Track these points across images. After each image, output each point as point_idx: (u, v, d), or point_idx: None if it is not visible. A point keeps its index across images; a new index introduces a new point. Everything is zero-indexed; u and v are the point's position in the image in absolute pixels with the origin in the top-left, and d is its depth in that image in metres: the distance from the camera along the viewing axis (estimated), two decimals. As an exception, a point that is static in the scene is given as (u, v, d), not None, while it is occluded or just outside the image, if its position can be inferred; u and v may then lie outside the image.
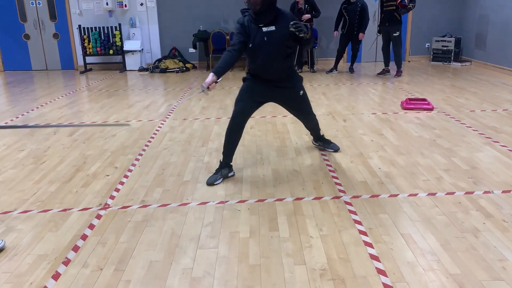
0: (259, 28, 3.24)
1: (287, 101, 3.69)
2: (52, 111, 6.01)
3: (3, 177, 3.64)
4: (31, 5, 9.86)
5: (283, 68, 3.41)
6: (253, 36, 3.25)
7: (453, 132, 4.59)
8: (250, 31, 3.26)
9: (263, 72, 3.41)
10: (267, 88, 3.47)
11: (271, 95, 3.53)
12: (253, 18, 3.25)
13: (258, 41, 3.25)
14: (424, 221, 2.75)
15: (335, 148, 4.10)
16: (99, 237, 2.65)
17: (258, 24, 3.24)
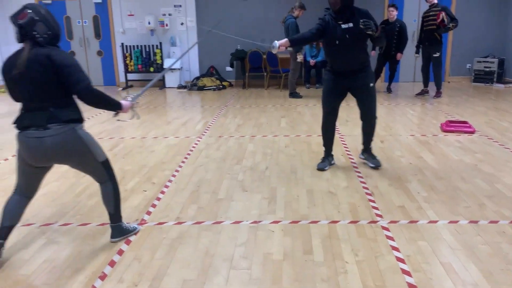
0: (339, 25, 3.68)
1: (358, 91, 3.98)
2: (94, 125, 6.21)
3: (46, 189, 3.78)
4: (77, 23, 10.34)
5: (359, 61, 3.83)
6: (333, 32, 3.70)
7: (496, 157, 4.42)
8: (330, 27, 3.71)
9: (342, 65, 3.84)
10: (345, 80, 3.88)
11: (348, 85, 3.92)
12: (332, 17, 3.71)
13: (337, 37, 3.69)
14: (466, 250, 2.64)
15: (377, 164, 4.16)
16: (135, 252, 2.69)
17: (338, 21, 3.68)
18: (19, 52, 2.40)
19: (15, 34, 2.39)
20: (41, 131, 2.39)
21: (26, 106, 2.45)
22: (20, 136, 2.46)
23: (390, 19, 8.20)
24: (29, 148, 2.44)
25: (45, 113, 2.39)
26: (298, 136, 5.39)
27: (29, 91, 2.39)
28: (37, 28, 2.36)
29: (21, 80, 2.36)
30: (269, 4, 9.91)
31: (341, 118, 6.34)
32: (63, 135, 2.43)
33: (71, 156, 2.54)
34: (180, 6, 10.04)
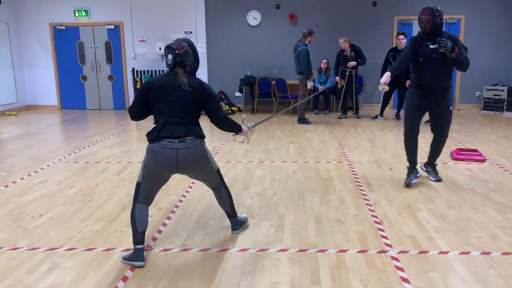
0: (427, 45, 4.09)
1: (438, 111, 4.29)
2: (102, 149, 6.25)
3: (52, 213, 3.77)
4: (90, 49, 10.54)
5: (443, 80, 4.16)
6: (422, 50, 4.11)
7: (508, 186, 4.34)
8: (419, 46, 4.12)
9: (428, 82, 4.17)
10: (427, 99, 4.22)
11: (429, 103, 4.25)
12: (421, 38, 4.11)
13: (426, 56, 4.09)
14: (479, 283, 2.56)
15: (438, 179, 4.54)
16: (140, 280, 2.65)
17: (427, 42, 4.08)
18: (170, 75, 2.86)
19: (168, 60, 2.85)
20: (176, 143, 2.77)
21: (167, 120, 2.81)
22: (155, 147, 2.79)
23: (399, 47, 8.26)
24: (163, 158, 2.78)
25: (184, 128, 2.81)
26: (306, 162, 5.36)
27: (174, 107, 2.80)
28: (188, 59, 2.85)
29: (170, 97, 2.80)
30: (279, 32, 10.05)
31: (349, 145, 6.32)
32: (195, 148, 2.84)
33: (197, 166, 2.91)
34: (191, 32, 10.23)
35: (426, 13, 4.01)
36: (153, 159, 2.81)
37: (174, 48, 2.82)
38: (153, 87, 2.84)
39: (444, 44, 3.90)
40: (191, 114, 2.86)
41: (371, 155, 5.71)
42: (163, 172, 2.88)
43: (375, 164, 5.27)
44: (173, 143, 2.76)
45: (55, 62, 10.63)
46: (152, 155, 2.81)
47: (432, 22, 3.98)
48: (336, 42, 8.74)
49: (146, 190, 2.91)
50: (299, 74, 8.01)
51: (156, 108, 2.85)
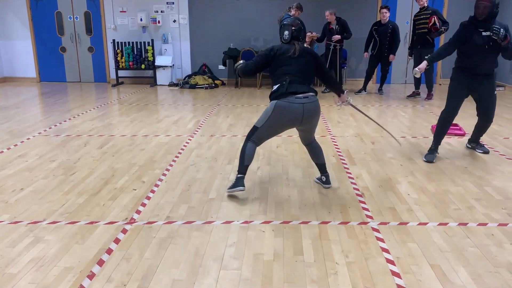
0: (479, 32, 4.11)
1: (483, 94, 4.35)
2: (83, 123, 6.15)
3: (34, 186, 3.73)
4: (69, 19, 10.23)
5: (490, 66, 4.24)
6: (473, 38, 4.12)
7: (485, 160, 4.45)
8: (469, 32, 4.16)
9: (475, 67, 4.22)
10: (473, 82, 4.27)
11: (474, 86, 4.30)
12: (474, 24, 4.14)
13: (476, 42, 4.12)
14: (455, 252, 2.65)
15: (485, 150, 4.70)
16: (124, 252, 2.66)
17: (479, 28, 4.10)
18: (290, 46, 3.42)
19: (285, 35, 3.45)
20: (302, 99, 3.29)
21: (292, 79, 3.32)
22: (283, 103, 3.29)
23: (383, 21, 8.24)
24: (291, 111, 3.30)
25: (306, 86, 3.36)
26: (290, 136, 5.38)
27: (297, 69, 3.37)
28: (301, 34, 3.48)
29: (292, 61, 3.37)
30: (263, 3, 9.90)
31: (333, 120, 6.36)
32: (315, 102, 3.38)
33: (316, 117, 3.45)
34: (172, 3, 9.99)
35: (485, 0, 4.00)
36: (282, 113, 3.32)
37: (290, 25, 3.43)
38: (278, 53, 3.41)
39: (497, 31, 3.93)
40: (308, 75, 3.44)
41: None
42: (288, 124, 3.43)
43: (357, 138, 5.33)
44: (299, 99, 3.27)
45: (32, 33, 10.28)
46: (281, 110, 3.31)
47: (490, 9, 3.99)
48: (322, 15, 8.66)
49: (261, 135, 3.48)
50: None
51: (279, 70, 3.39)
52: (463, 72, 4.30)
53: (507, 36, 3.97)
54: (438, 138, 4.49)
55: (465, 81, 4.30)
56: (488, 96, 4.34)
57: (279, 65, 3.40)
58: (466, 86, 4.31)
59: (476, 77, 4.25)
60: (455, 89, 4.36)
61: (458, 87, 4.34)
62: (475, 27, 4.13)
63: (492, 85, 4.34)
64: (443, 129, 4.46)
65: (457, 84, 4.35)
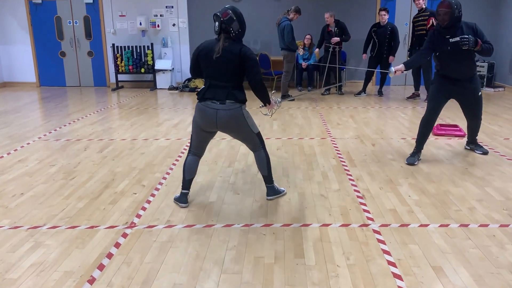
0: (446, 39, 4.04)
1: (466, 100, 4.37)
2: (83, 127, 6.15)
3: (34, 191, 3.73)
4: (68, 24, 10.25)
5: (466, 70, 4.18)
6: (441, 45, 4.08)
7: (486, 161, 4.45)
8: (438, 40, 4.10)
9: (452, 73, 4.20)
10: (454, 87, 4.25)
11: (455, 92, 4.30)
12: (440, 32, 4.08)
13: (446, 50, 4.07)
14: (456, 254, 2.65)
15: (484, 151, 4.65)
16: (125, 256, 2.66)
17: (445, 35, 4.04)
18: (215, 41, 3.12)
19: (215, 28, 3.13)
20: (218, 104, 3.08)
21: (211, 83, 3.12)
22: (200, 106, 3.15)
23: (382, 23, 8.25)
24: (205, 116, 3.13)
25: (225, 91, 3.09)
26: (290, 138, 5.38)
27: (217, 72, 3.09)
28: (233, 26, 3.07)
29: (214, 62, 3.06)
30: (262, 6, 9.91)
31: (332, 122, 6.36)
32: (234, 110, 3.12)
33: (235, 127, 3.23)
34: (172, 7, 10.01)
35: (444, 5, 3.94)
36: (199, 115, 3.19)
37: (219, 16, 3.07)
38: (200, 53, 3.16)
39: (467, 41, 3.87)
40: (233, 78, 3.11)
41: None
42: (206, 128, 3.24)
43: (357, 140, 5.33)
44: (215, 104, 3.09)
45: (32, 37, 10.30)
46: (198, 112, 3.19)
47: (450, 14, 3.92)
48: (321, 18, 8.67)
49: (195, 141, 3.34)
50: (283, 50, 7.95)
51: (204, 72, 3.19)
52: (443, 78, 4.27)
53: (477, 42, 3.90)
54: (421, 141, 4.44)
55: (445, 87, 4.27)
56: (472, 99, 4.33)
57: (203, 65, 3.16)
58: (447, 91, 4.29)
59: (456, 82, 4.22)
60: (436, 94, 4.33)
61: (439, 92, 4.31)
62: (441, 35, 4.07)
63: (476, 87, 4.28)
64: (424, 132, 4.42)
65: (438, 89, 4.32)
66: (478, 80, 4.33)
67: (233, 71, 3.08)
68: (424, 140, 4.44)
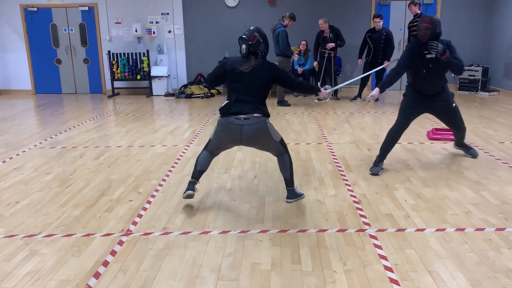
0: (424, 55, 4.05)
1: (441, 112, 4.40)
2: (79, 134, 6.14)
3: (29, 199, 3.71)
4: (64, 31, 10.26)
5: (439, 86, 4.21)
6: (418, 61, 4.09)
7: (481, 165, 4.46)
8: (415, 55, 4.10)
9: (424, 89, 4.21)
10: (426, 102, 4.26)
11: (428, 106, 4.32)
12: (419, 46, 4.06)
13: (423, 66, 4.08)
14: (453, 258, 2.65)
15: (474, 154, 4.67)
16: (121, 264, 2.65)
17: (424, 51, 4.03)
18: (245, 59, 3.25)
19: (242, 50, 3.24)
20: (242, 120, 3.17)
21: (238, 98, 3.21)
22: (223, 122, 3.24)
23: (377, 28, 8.30)
24: (230, 132, 3.23)
25: (253, 105, 3.19)
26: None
27: (246, 87, 3.21)
28: (260, 48, 3.24)
29: (243, 77, 3.21)
30: (258, 12, 9.96)
31: (328, 127, 6.37)
32: (258, 124, 3.21)
33: (259, 140, 3.33)
34: (167, 14, 10.04)
35: (426, 21, 3.97)
36: (222, 131, 3.28)
37: (247, 39, 3.19)
38: (229, 68, 3.27)
39: (435, 47, 3.90)
40: (260, 94, 3.26)
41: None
42: (229, 142, 3.37)
43: (353, 145, 5.34)
44: (239, 120, 3.17)
45: (27, 45, 10.30)
46: (222, 128, 3.27)
47: (432, 30, 3.94)
48: (315, 23, 8.71)
49: (213, 147, 3.46)
50: (278, 56, 7.98)
51: (230, 86, 3.28)
52: (416, 92, 4.26)
53: (445, 51, 3.92)
54: (385, 151, 4.37)
55: (418, 102, 4.27)
56: (448, 111, 4.34)
57: (230, 80, 3.28)
58: (420, 107, 4.30)
59: (427, 97, 4.23)
60: (408, 108, 4.32)
61: (410, 106, 4.30)
62: (420, 50, 4.06)
63: (448, 100, 4.28)
64: (391, 143, 4.36)
65: (409, 103, 4.31)
66: (449, 93, 4.32)
67: (261, 87, 3.26)
68: (389, 150, 4.38)
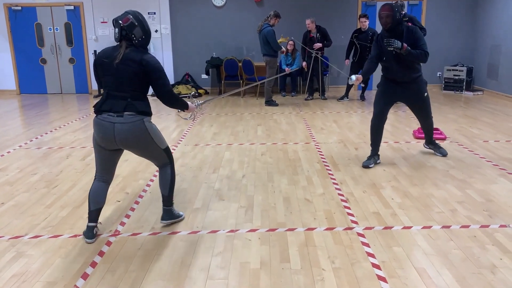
0: None
1: (412, 100, 4.49)
2: (65, 134, 6.08)
3: (15, 200, 3.66)
4: (49, 30, 10.12)
5: (409, 73, 4.27)
6: (384, 49, 4.16)
7: (467, 163, 4.53)
8: (381, 45, 4.18)
9: (395, 76, 4.31)
10: (398, 89, 4.36)
11: (400, 94, 4.42)
12: (383, 36, 4.17)
13: (387, 54, 4.17)
14: (439, 255, 2.69)
15: (444, 153, 4.76)
16: (109, 265, 2.63)
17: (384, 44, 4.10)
18: (116, 48, 2.77)
19: (115, 34, 2.76)
20: (115, 117, 2.73)
21: (109, 94, 2.78)
22: (96, 119, 2.80)
23: (363, 28, 8.36)
24: (102, 131, 2.77)
25: (124, 102, 2.74)
26: (274, 144, 5.40)
27: (116, 81, 2.74)
28: (135, 32, 2.75)
29: (113, 70, 2.72)
30: (245, 12, 9.95)
31: (316, 126, 6.41)
32: (133, 123, 2.75)
33: (137, 143, 2.84)
34: (154, 14, 9.98)
35: (385, 9, 4.04)
36: (95, 131, 2.84)
37: (119, 22, 2.74)
38: (98, 60, 2.82)
39: (392, 43, 3.99)
40: (134, 88, 2.76)
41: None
42: (104, 145, 2.85)
43: (341, 144, 5.37)
44: (111, 117, 2.74)
45: (11, 44, 10.14)
46: (95, 127, 2.84)
47: (392, 17, 4.03)
48: (302, 24, 8.75)
49: (99, 163, 2.96)
50: (265, 56, 8.00)
51: (102, 81, 2.85)
52: (387, 81, 4.39)
53: (402, 45, 3.99)
54: (374, 145, 4.52)
55: (389, 89, 4.39)
56: (419, 100, 4.44)
57: (102, 74, 2.82)
58: (392, 94, 4.41)
59: (400, 84, 4.32)
60: (380, 97, 4.45)
61: (383, 95, 4.43)
62: (384, 38, 4.14)
63: (419, 89, 4.38)
64: (375, 136, 4.50)
65: (382, 92, 4.44)
66: (422, 81, 4.41)
67: (133, 80, 2.73)
68: (377, 144, 4.52)
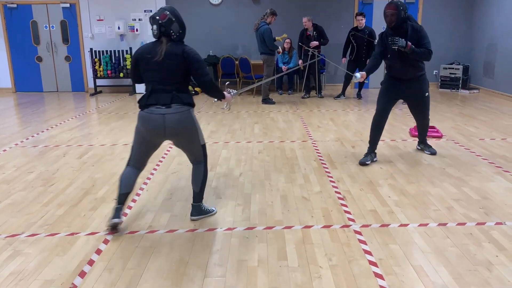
0: None
1: (413, 99, 4.53)
2: (62, 133, 6.06)
3: (12, 199, 3.65)
4: (44, 28, 10.08)
5: (412, 71, 4.31)
6: (388, 47, 4.22)
7: (463, 161, 4.55)
8: (386, 43, 4.24)
9: (398, 74, 4.35)
10: (401, 87, 4.39)
11: (403, 92, 4.45)
12: (387, 34, 4.23)
13: (392, 51, 4.21)
14: (436, 252, 2.70)
15: (433, 152, 4.78)
16: (106, 263, 2.63)
17: (388, 42, 4.15)
18: (156, 44, 2.89)
19: (154, 31, 2.87)
20: (164, 109, 2.84)
21: (154, 88, 2.89)
22: (144, 113, 2.90)
23: (359, 27, 8.37)
24: (152, 123, 2.88)
25: (170, 95, 2.86)
26: (271, 142, 5.40)
27: (160, 76, 2.86)
28: (173, 28, 2.88)
29: (156, 66, 2.84)
30: (242, 10, 9.95)
31: (313, 124, 6.41)
32: (181, 114, 2.88)
33: (185, 132, 2.98)
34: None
35: (391, 7, 4.07)
36: (143, 124, 2.93)
37: (157, 18, 2.85)
38: (139, 56, 2.92)
39: (396, 42, 4.03)
40: (177, 81, 2.90)
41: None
42: (152, 137, 2.98)
43: (338, 142, 5.38)
44: (160, 109, 2.85)
45: (7, 42, 10.09)
46: (142, 121, 2.92)
47: (397, 16, 4.06)
48: (299, 22, 8.75)
49: (135, 154, 3.06)
50: (262, 54, 7.99)
51: (145, 76, 2.95)
52: (391, 78, 4.44)
53: (406, 43, 4.03)
54: (373, 142, 4.54)
55: (393, 87, 4.43)
56: (419, 99, 4.48)
57: (144, 69, 2.92)
58: (395, 92, 4.44)
59: (403, 82, 4.36)
60: (383, 94, 4.48)
61: (387, 92, 4.46)
62: (389, 36, 4.20)
63: (422, 88, 4.41)
64: (376, 133, 4.52)
65: (386, 89, 4.47)
66: (425, 80, 4.44)
67: (177, 73, 2.88)
68: (376, 141, 4.54)
